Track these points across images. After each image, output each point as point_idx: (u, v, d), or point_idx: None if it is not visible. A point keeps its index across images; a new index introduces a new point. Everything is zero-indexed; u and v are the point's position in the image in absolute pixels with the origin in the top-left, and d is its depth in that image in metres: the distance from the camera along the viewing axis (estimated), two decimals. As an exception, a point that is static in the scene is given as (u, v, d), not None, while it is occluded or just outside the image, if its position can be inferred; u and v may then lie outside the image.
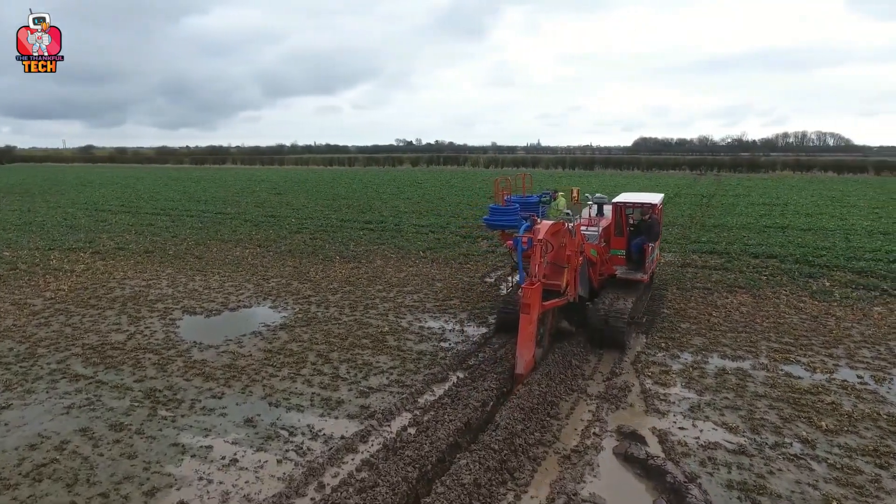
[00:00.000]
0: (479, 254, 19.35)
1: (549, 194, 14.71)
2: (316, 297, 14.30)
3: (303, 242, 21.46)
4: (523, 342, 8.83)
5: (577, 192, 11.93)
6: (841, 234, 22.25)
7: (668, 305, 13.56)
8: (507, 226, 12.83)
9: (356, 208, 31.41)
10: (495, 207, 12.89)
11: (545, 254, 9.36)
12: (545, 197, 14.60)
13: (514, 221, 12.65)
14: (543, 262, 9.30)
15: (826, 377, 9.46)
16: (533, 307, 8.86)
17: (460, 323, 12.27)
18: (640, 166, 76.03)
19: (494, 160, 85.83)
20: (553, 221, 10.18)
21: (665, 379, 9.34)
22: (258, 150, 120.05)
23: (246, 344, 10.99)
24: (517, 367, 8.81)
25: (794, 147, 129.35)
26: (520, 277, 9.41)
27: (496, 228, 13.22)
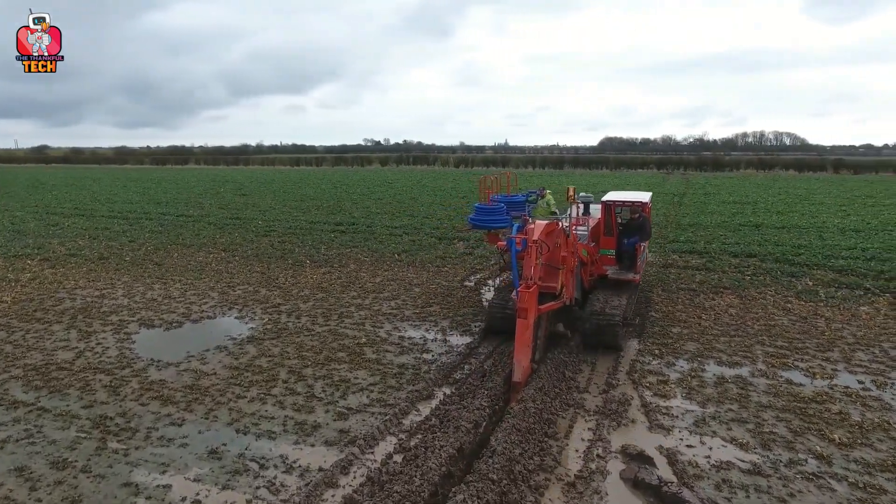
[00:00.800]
0: (457, 256, 18.67)
1: (535, 193, 14.24)
2: (286, 305, 13.37)
3: (271, 246, 20.40)
4: (520, 348, 8.25)
5: (574, 191, 11.43)
6: (814, 231, 22.36)
7: (656, 308, 13.11)
8: (494, 226, 12.29)
9: (326, 209, 30.36)
10: (481, 207, 12.26)
11: (540, 255, 8.87)
12: (532, 195, 14.13)
13: (500, 221, 12.13)
14: (539, 264, 8.81)
15: (827, 383, 9.08)
16: (530, 311, 8.37)
17: (442, 332, 11.54)
18: (609, 165, 76.77)
19: (464, 160, 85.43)
20: (547, 221, 9.68)
21: (664, 390, 8.80)
22: (222, 150, 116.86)
23: (210, 360, 10.03)
24: (514, 375, 8.24)
25: (754, 146, 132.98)
26: (514, 281, 8.90)
27: (482, 229, 12.59)
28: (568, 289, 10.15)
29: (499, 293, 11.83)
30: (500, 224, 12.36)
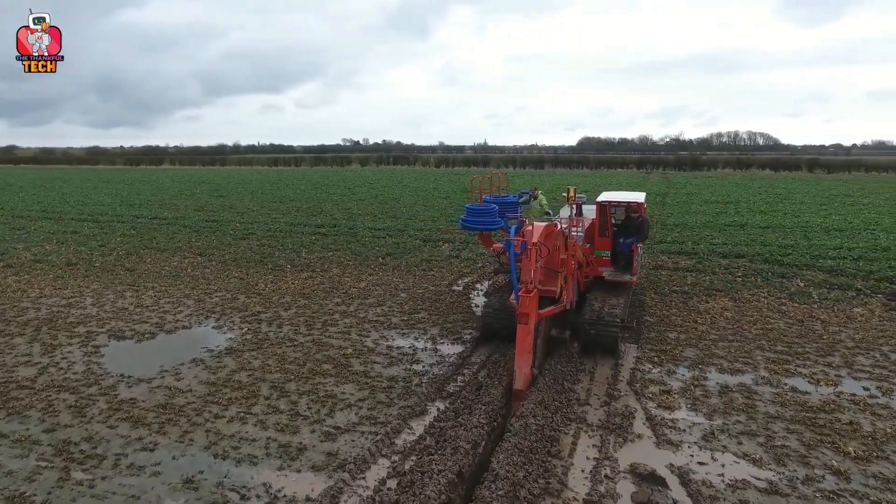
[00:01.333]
0: (443, 259, 18.17)
1: (528, 193, 13.85)
2: (266, 313, 12.72)
3: (249, 250, 19.64)
4: (521, 355, 7.94)
5: (574, 192, 11.08)
6: (799, 231, 22.37)
7: (651, 312, 12.78)
8: (486, 228, 11.88)
9: (306, 211, 29.60)
10: (473, 208, 11.79)
11: (540, 258, 8.53)
12: (524, 196, 13.75)
13: (493, 223, 11.73)
14: (539, 268, 8.49)
15: (833, 391, 8.79)
16: (531, 317, 8.04)
17: (432, 340, 11.02)
18: (589, 165, 77.05)
19: (445, 160, 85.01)
20: (546, 223, 9.33)
21: (668, 401, 8.41)
22: (198, 151, 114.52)
23: (185, 375, 9.36)
24: (516, 383, 7.91)
25: (728, 146, 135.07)
26: (514, 285, 8.48)
27: (474, 230, 12.15)
28: (568, 292, 9.82)
29: (494, 295, 11.45)
30: (492, 226, 11.96)
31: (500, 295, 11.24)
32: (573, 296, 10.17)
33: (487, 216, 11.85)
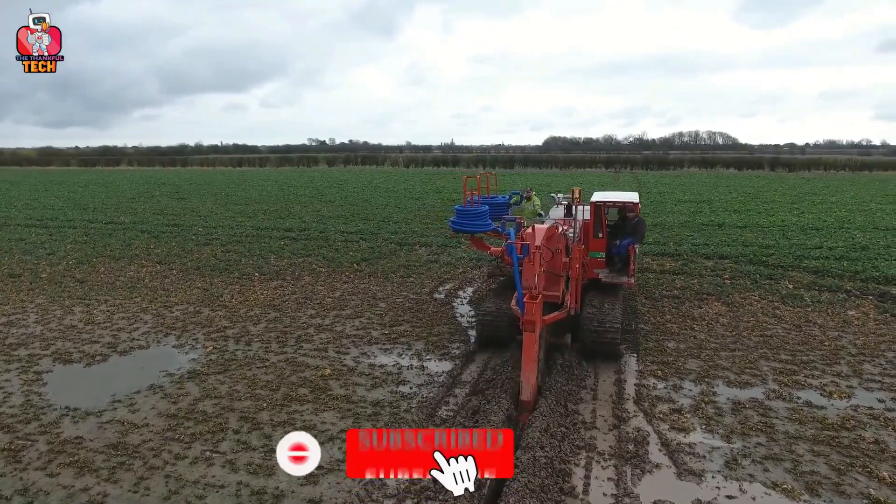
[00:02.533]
0: (421, 264, 17.28)
1: (520, 194, 13.25)
2: (233, 328, 11.63)
3: (213, 257, 18.36)
4: (528, 364, 7.54)
5: (579, 193, 10.49)
6: (777, 230, 22.28)
7: (645, 319, 12.19)
8: (477, 230, 11.21)
9: (273, 214, 28.28)
10: (463, 209, 11.08)
11: (543, 262, 8.08)
12: (516, 196, 13.13)
13: (484, 225, 11.11)
14: (542, 272, 8.09)
15: (848, 405, 8.29)
16: (537, 324, 7.63)
17: (418, 356, 10.15)
18: (558, 164, 77.18)
19: (414, 160, 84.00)
20: (548, 225, 8.89)
21: (681, 422, 7.75)
22: (158, 151, 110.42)
23: (141, 406, 8.25)
24: (523, 394, 7.50)
25: (690, 145, 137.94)
26: (518, 291, 8.02)
27: (464, 233, 11.47)
28: (572, 297, 9.30)
29: (489, 300, 10.91)
30: (483, 228, 11.31)
31: (496, 299, 10.67)
32: (579, 301, 9.63)
33: (478, 218, 11.13)
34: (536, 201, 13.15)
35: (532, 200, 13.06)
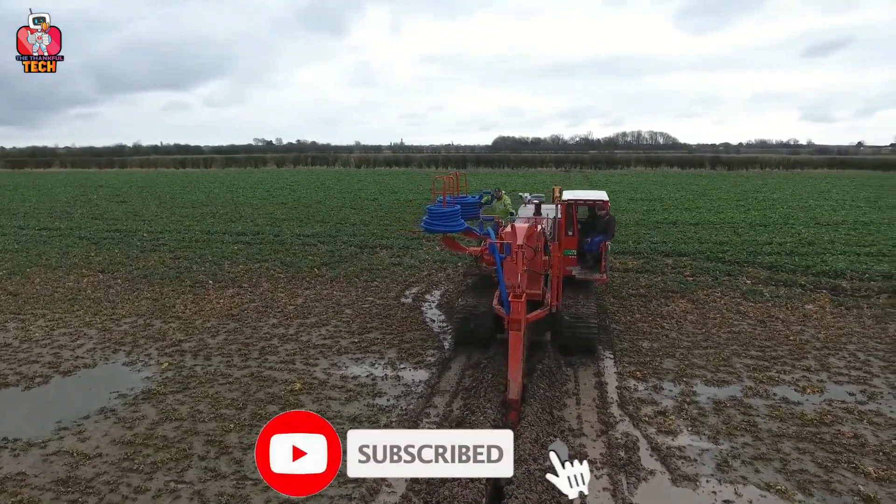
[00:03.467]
0: (384, 268, 16.80)
1: (490, 193, 13.25)
2: (189, 342, 10.85)
3: (162, 264, 17.26)
4: (514, 363, 7.58)
5: (560, 192, 10.48)
6: (727, 227, 22.98)
7: (616, 318, 12.19)
8: (450, 230, 11.11)
9: (223, 217, 27.04)
10: (435, 209, 10.90)
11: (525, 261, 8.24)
12: (486, 195, 13.16)
13: (457, 225, 11.03)
14: (525, 271, 8.24)
15: (822, 399, 8.45)
16: (522, 322, 7.79)
17: (391, 366, 9.72)
18: (510, 164, 77.88)
19: (365, 160, 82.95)
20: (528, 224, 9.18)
21: (667, 424, 7.66)
22: (93, 151, 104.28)
23: (92, 433, 7.48)
24: (510, 393, 7.51)
25: (633, 145, 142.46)
26: (502, 291, 8.19)
27: (436, 233, 11.34)
28: (554, 294, 9.29)
29: (466, 297, 10.86)
30: (456, 228, 11.20)
31: (472, 297, 10.68)
32: (560, 298, 9.62)
33: (451, 218, 10.98)
34: (507, 200, 13.20)
35: (502, 200, 13.12)
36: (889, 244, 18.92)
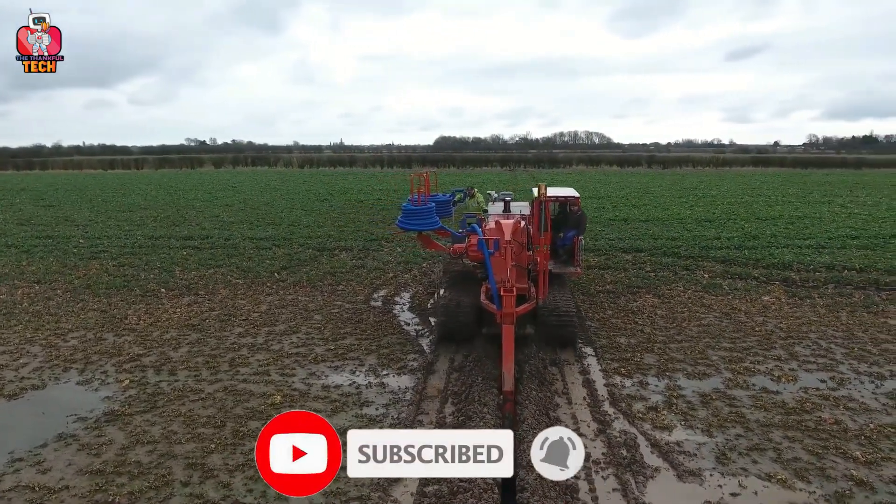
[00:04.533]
0: (347, 270, 16.29)
1: (463, 191, 13.31)
2: (149, 355, 10.06)
3: (105, 272, 16.04)
4: (508, 356, 7.73)
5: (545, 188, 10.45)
6: (676, 223, 23.82)
7: (588, 315, 12.30)
8: (425, 228, 11.14)
9: (165, 221, 25.56)
10: (411, 208, 10.89)
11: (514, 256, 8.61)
12: (459, 194, 13.14)
13: (432, 223, 11.14)
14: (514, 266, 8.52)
15: (798, 387, 8.77)
16: (514, 316, 7.98)
17: (373, 372, 9.35)
18: (455, 164, 78.13)
19: (309, 160, 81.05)
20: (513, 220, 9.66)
21: (661, 420, 7.72)
22: (8, 152, 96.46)
23: (53, 463, 6.73)
24: (505, 385, 7.66)
25: (570, 145, 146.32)
26: (491, 285, 8.45)
27: (412, 231, 11.30)
28: (540, 288, 9.43)
29: (446, 294, 10.88)
30: (431, 226, 11.25)
31: (454, 293, 10.63)
32: (546, 291, 9.69)
33: (425, 217, 10.99)
34: (480, 198, 13.38)
35: (475, 198, 13.24)
36: (825, 237, 20.14)
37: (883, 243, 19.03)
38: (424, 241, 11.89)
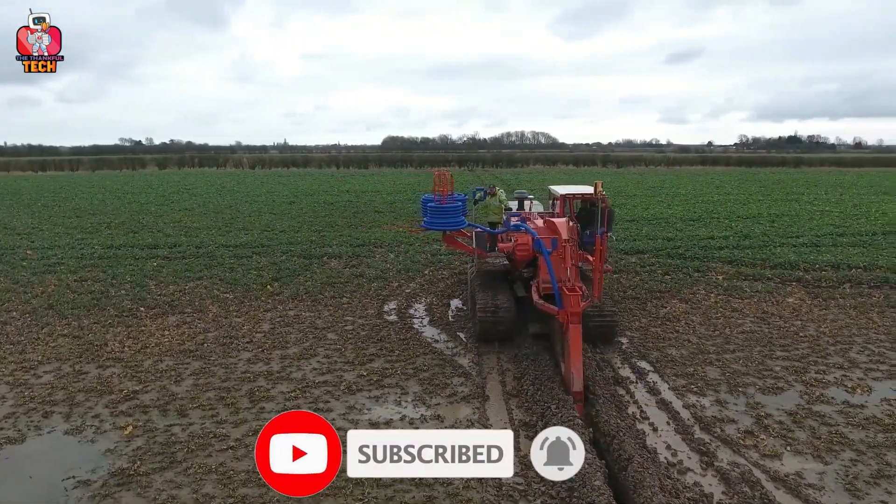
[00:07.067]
0: (345, 280, 14.93)
1: (483, 190, 13.32)
2: (147, 392, 8.52)
3: (67, 288, 14.01)
4: (577, 355, 7.72)
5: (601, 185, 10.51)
6: (664, 223, 23.59)
7: (626, 324, 11.54)
8: (452, 227, 10.86)
9: (122, 228, 23.21)
10: (436, 207, 10.51)
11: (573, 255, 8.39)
12: (479, 192, 13.32)
13: (459, 222, 10.83)
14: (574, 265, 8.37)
15: (878, 398, 8.32)
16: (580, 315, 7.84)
17: (422, 402, 8.20)
18: (413, 164, 76.95)
19: (261, 160, 77.87)
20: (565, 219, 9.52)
21: (764, 446, 6.99)
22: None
23: (60, 549, 5.25)
24: (574, 385, 7.67)
25: (517, 144, 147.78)
26: (553, 285, 8.17)
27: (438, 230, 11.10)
28: (596, 286, 8.94)
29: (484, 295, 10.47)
30: (457, 225, 10.94)
31: (492, 294, 10.43)
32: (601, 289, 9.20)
33: (451, 216, 10.63)
34: (502, 196, 13.05)
35: (497, 196, 12.86)
36: (812, 235, 20.30)
37: (871, 240, 19.31)
38: (449, 240, 11.59)
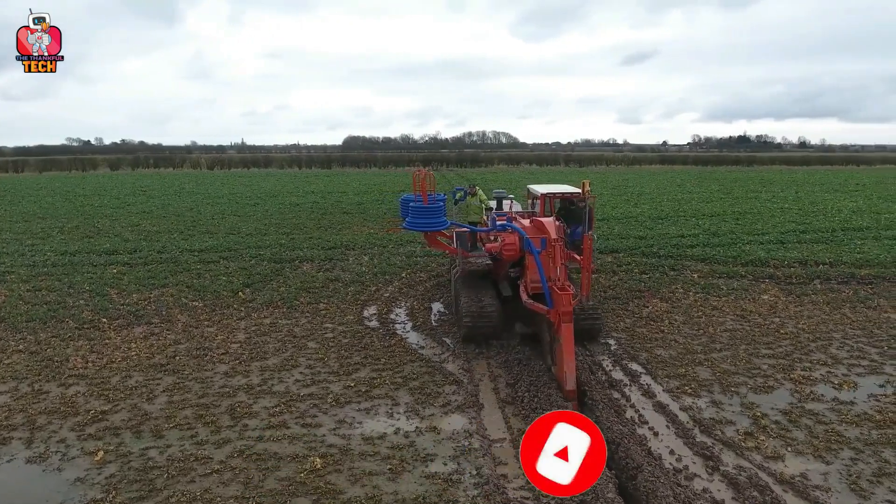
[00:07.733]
0: (321, 285, 14.42)
1: (463, 190, 13.42)
2: (117, 412, 7.91)
3: (19, 299, 13.03)
4: (570, 354, 7.84)
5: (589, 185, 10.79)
6: (632, 222, 23.86)
7: (610, 324, 11.49)
8: (433, 228, 10.78)
9: (76, 232, 21.94)
10: (418, 207, 10.48)
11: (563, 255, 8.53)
12: (459, 192, 13.36)
13: (442, 223, 10.80)
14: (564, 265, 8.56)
15: (865, 394, 8.44)
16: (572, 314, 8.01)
17: (415, 413, 7.87)
18: (377, 163, 76.19)
19: (219, 161, 75.63)
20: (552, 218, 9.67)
21: (764, 447, 6.96)
22: None
23: None
24: (568, 384, 7.78)
25: (479, 144, 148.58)
26: (544, 287, 8.30)
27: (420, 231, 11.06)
28: (584, 285, 9.18)
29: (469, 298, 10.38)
30: (440, 226, 10.90)
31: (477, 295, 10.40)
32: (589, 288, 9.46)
33: (433, 216, 10.58)
34: (482, 196, 13.03)
35: (477, 196, 12.77)
36: (776, 232, 20.85)
37: (831, 237, 19.94)
38: (432, 241, 11.41)
